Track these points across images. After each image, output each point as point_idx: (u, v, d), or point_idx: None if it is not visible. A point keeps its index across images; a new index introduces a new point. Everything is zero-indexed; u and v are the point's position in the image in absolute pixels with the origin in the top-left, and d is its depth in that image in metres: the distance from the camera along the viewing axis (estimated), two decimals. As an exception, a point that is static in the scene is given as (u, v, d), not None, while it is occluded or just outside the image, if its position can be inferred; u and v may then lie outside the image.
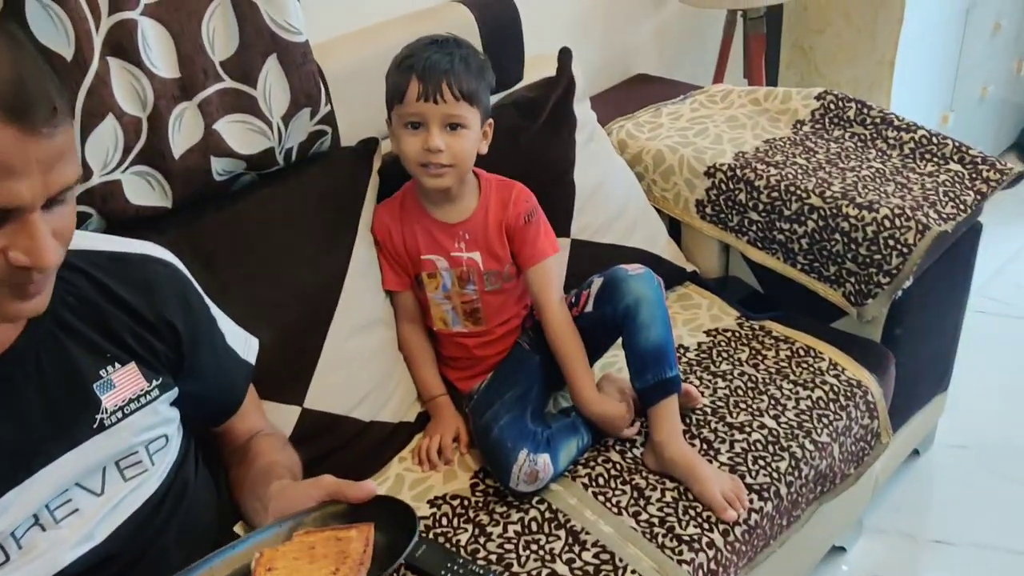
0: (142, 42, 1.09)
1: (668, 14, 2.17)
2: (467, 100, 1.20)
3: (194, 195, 1.21)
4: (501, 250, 1.31)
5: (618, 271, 1.29)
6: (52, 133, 0.69)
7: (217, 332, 1.04)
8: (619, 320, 1.26)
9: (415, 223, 1.31)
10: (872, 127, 1.65)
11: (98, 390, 0.88)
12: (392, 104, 1.23)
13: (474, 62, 1.23)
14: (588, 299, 1.31)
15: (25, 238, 0.70)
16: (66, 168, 0.71)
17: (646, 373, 1.24)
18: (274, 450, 1.07)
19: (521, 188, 1.33)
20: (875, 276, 1.45)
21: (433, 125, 1.20)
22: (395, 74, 1.22)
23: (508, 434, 1.24)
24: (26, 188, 0.68)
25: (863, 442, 1.43)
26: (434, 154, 1.20)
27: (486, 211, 1.31)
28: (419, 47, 1.22)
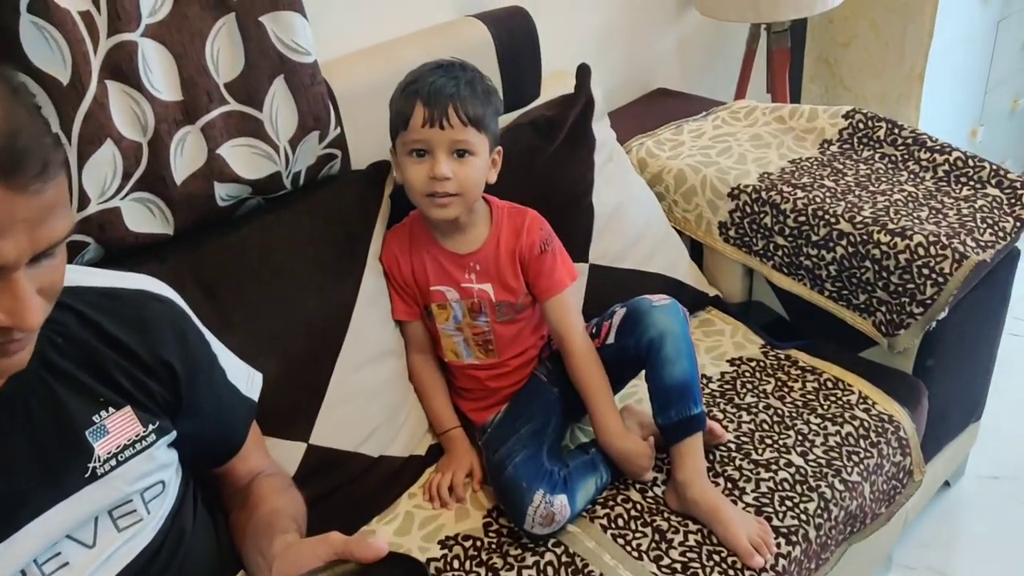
0: (143, 64, 1.04)
1: (689, 27, 2.11)
2: (474, 125, 1.15)
3: (196, 221, 1.16)
4: (514, 281, 1.25)
5: (642, 302, 1.23)
6: (41, 189, 0.64)
7: (217, 369, 0.99)
8: (642, 353, 1.20)
9: (424, 252, 1.26)
10: (903, 148, 1.58)
11: (91, 437, 0.83)
12: (396, 131, 1.18)
13: (480, 86, 1.18)
14: (610, 330, 1.25)
15: (8, 298, 0.66)
16: (55, 223, 0.66)
17: (670, 409, 1.18)
18: (277, 494, 1.02)
19: (534, 215, 1.27)
20: (908, 306, 1.38)
21: (439, 152, 1.15)
22: (399, 100, 1.17)
23: (523, 473, 1.18)
24: (11, 246, 0.63)
25: (895, 480, 1.36)
26: (440, 182, 1.15)
27: (497, 241, 1.25)
28: (423, 72, 1.17)
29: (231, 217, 1.22)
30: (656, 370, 1.19)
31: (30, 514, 0.78)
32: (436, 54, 1.45)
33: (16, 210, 0.63)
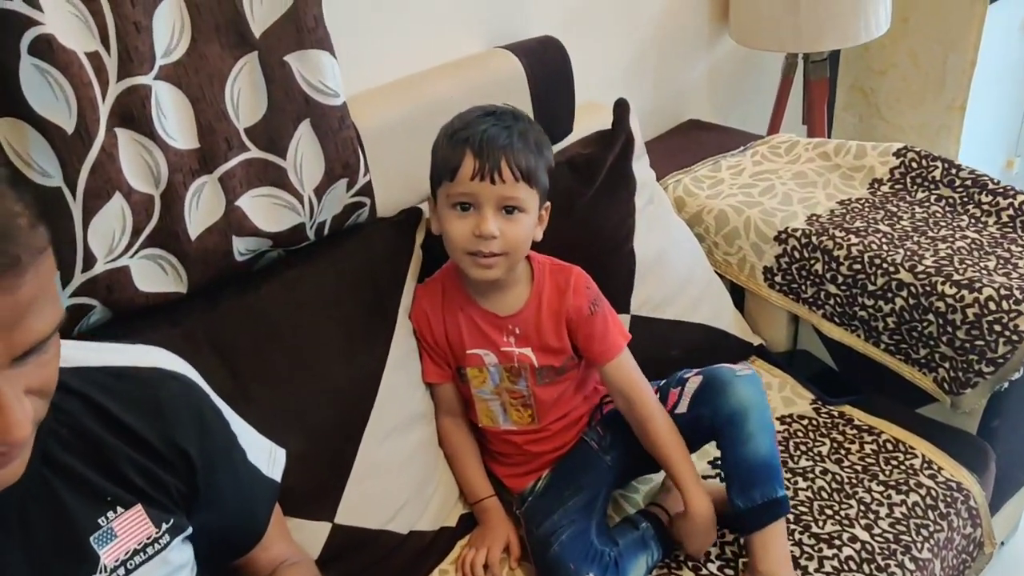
0: (156, 110, 0.94)
1: (721, 56, 2.01)
2: (526, 180, 1.05)
3: (212, 279, 1.06)
4: (558, 344, 1.14)
5: (723, 371, 1.13)
6: (14, 286, 0.54)
7: (237, 450, 0.89)
8: (719, 425, 1.09)
9: (459, 312, 1.15)
10: (962, 190, 1.48)
11: (96, 544, 0.73)
12: (440, 181, 1.07)
13: (533, 137, 1.07)
14: (680, 398, 1.14)
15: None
16: (34, 323, 0.57)
17: (752, 490, 1.06)
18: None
19: (579, 274, 1.16)
20: (976, 364, 1.28)
21: (487, 207, 1.04)
22: (446, 148, 1.06)
23: (571, 553, 1.08)
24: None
25: (965, 554, 1.26)
26: (486, 241, 1.04)
27: (539, 302, 1.14)
28: (472, 118, 1.06)
29: (248, 271, 1.11)
30: (737, 446, 1.08)
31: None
32: (466, 88, 1.36)
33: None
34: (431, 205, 1.12)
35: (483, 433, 1.23)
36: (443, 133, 1.08)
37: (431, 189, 1.11)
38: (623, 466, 1.19)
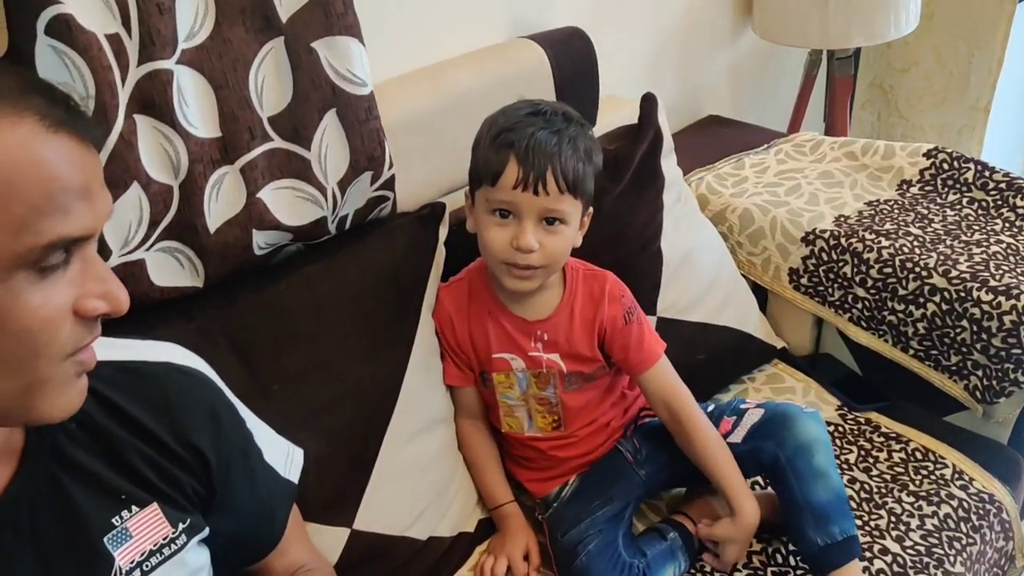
0: (177, 96, 0.90)
1: (743, 51, 1.97)
2: (572, 192, 0.98)
3: (229, 273, 1.01)
4: (588, 351, 1.10)
5: (790, 406, 1.10)
6: (94, 144, 0.60)
7: (254, 450, 0.85)
8: (783, 462, 1.05)
9: (485, 315, 1.11)
10: (996, 193, 1.45)
11: (110, 544, 0.70)
12: (480, 183, 1.01)
13: (583, 143, 1.01)
14: (735, 427, 1.11)
15: (94, 281, 0.58)
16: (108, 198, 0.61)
17: (831, 526, 1.02)
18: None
19: (614, 281, 1.11)
20: (1012, 372, 1.25)
21: (527, 219, 0.98)
22: (488, 149, 1.00)
23: (598, 564, 1.05)
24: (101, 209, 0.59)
25: (997, 567, 1.23)
26: (524, 254, 0.99)
27: (571, 309, 1.10)
28: (519, 117, 1.00)
29: (266, 265, 1.07)
30: (809, 481, 1.04)
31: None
32: (490, 78, 1.32)
33: (94, 165, 0.58)
34: (468, 202, 1.07)
35: (505, 438, 1.20)
36: (487, 130, 1.02)
37: (469, 188, 1.06)
38: (656, 481, 1.15)
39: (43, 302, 0.55)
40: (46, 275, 0.55)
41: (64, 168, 0.55)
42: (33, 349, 0.56)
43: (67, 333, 0.57)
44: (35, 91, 0.57)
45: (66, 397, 0.60)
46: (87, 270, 0.58)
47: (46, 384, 0.58)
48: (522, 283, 1.03)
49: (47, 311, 0.55)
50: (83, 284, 0.58)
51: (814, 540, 1.03)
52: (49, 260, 0.55)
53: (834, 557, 1.03)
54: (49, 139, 0.55)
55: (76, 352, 0.59)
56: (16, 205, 0.53)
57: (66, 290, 0.57)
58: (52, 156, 0.55)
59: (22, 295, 0.54)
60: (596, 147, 1.05)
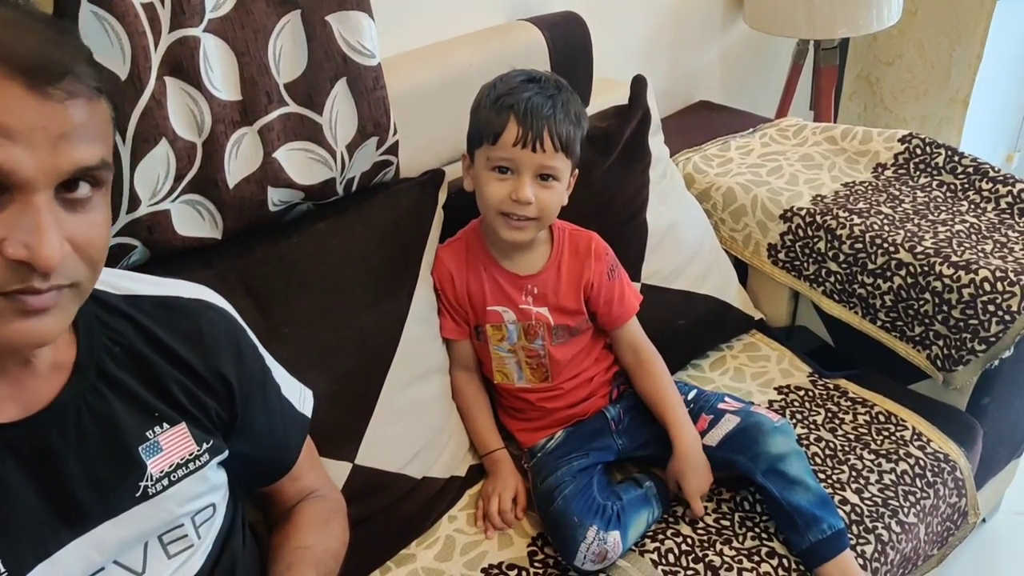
0: (203, 61, 0.99)
1: (734, 39, 2.06)
2: (564, 150, 1.09)
3: (245, 226, 1.10)
4: (574, 305, 1.20)
5: (763, 421, 1.18)
6: (64, 99, 0.59)
7: (271, 384, 0.94)
8: (759, 475, 1.14)
9: (481, 271, 1.21)
10: (964, 176, 1.54)
11: (144, 454, 0.78)
12: (480, 143, 1.12)
13: (573, 108, 1.12)
14: (711, 428, 1.19)
15: (26, 228, 0.59)
16: (83, 146, 0.61)
17: (820, 524, 1.11)
18: (312, 527, 0.96)
19: (598, 240, 1.22)
20: (969, 342, 1.34)
21: (525, 174, 1.09)
22: (489, 111, 1.10)
23: (575, 506, 1.13)
24: (27, 157, 0.58)
25: (949, 522, 1.32)
26: (521, 205, 1.10)
27: (558, 265, 1.20)
28: (516, 84, 1.11)
29: (279, 222, 1.16)
30: (788, 492, 1.13)
31: (74, 533, 0.73)
32: (488, 58, 1.41)
33: (37, 116, 0.58)
34: (465, 163, 1.17)
35: (497, 389, 1.29)
36: (486, 95, 1.12)
37: (468, 148, 1.16)
38: (629, 451, 1.25)
39: None
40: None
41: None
42: None
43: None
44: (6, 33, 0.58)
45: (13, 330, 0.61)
46: (24, 217, 0.59)
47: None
48: (517, 234, 1.12)
49: None
50: (11, 230, 0.59)
51: (805, 537, 1.12)
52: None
53: (823, 552, 1.11)
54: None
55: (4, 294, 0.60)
56: None
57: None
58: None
59: None
60: (584, 114, 1.15)
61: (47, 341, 0.66)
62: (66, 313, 0.66)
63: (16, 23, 0.59)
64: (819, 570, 1.12)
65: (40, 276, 0.60)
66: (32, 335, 0.63)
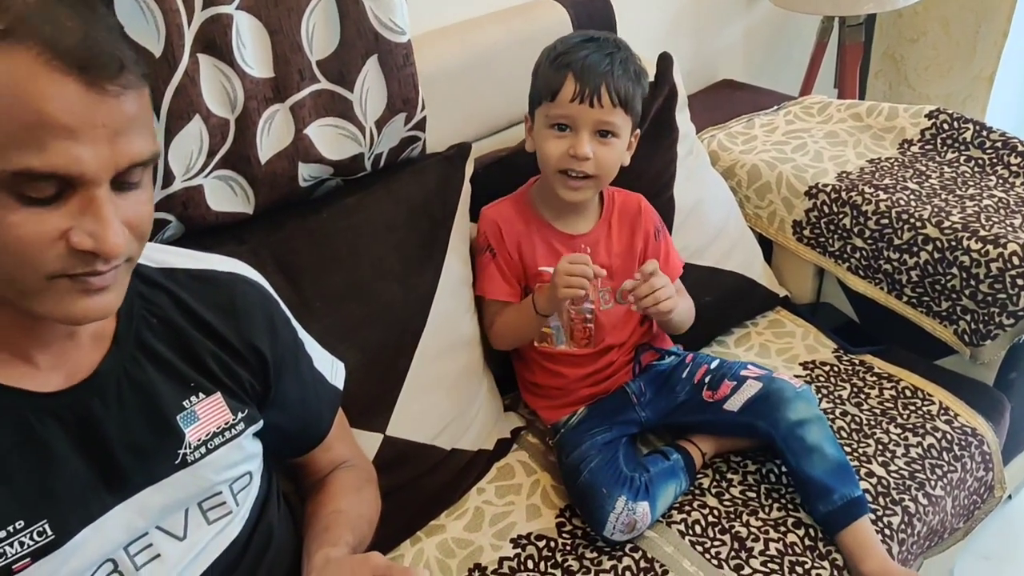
0: (236, 39, 1.00)
1: (758, 16, 2.05)
2: (623, 106, 1.11)
3: (276, 201, 1.12)
4: (624, 265, 1.21)
5: (785, 387, 1.17)
6: (121, 94, 0.61)
7: (304, 356, 0.96)
8: (779, 440, 1.16)
9: (533, 231, 1.22)
10: (992, 151, 1.53)
11: (181, 422, 0.80)
12: (540, 101, 1.14)
13: (632, 66, 1.14)
14: (733, 393, 1.19)
15: (90, 219, 0.62)
16: (137, 138, 0.63)
17: (832, 495, 1.12)
18: (346, 493, 0.98)
19: (646, 201, 1.24)
20: (997, 316, 1.33)
21: (583, 130, 1.11)
22: (548, 70, 1.12)
23: (602, 478, 1.15)
24: (90, 155, 0.60)
25: (976, 495, 1.33)
26: (580, 161, 1.11)
27: (609, 225, 1.22)
28: (575, 43, 1.13)
29: (308, 197, 1.18)
30: (803, 458, 1.14)
31: (118, 497, 0.76)
32: (514, 36, 1.42)
33: (94, 113, 0.59)
34: (527, 125, 1.19)
35: (524, 362, 1.30)
36: (545, 56, 1.15)
37: (529, 109, 1.18)
38: (653, 423, 1.26)
39: (21, 222, 0.60)
40: (29, 203, 0.59)
41: (47, 105, 0.57)
42: (14, 261, 0.61)
43: (52, 256, 0.61)
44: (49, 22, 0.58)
45: (64, 307, 0.65)
46: (86, 209, 0.61)
47: (35, 295, 0.64)
48: (575, 193, 1.15)
49: (24, 231, 0.60)
50: (77, 219, 0.61)
51: (817, 507, 1.13)
52: (28, 189, 0.59)
53: (839, 519, 1.12)
54: (39, 73, 0.57)
55: (72, 277, 0.63)
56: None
57: (57, 220, 0.61)
58: (35, 89, 0.57)
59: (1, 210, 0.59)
60: (644, 72, 1.16)
61: (108, 315, 0.69)
62: (122, 287, 0.69)
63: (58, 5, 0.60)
64: (836, 537, 1.13)
65: (103, 260, 0.64)
66: (95, 311, 0.67)
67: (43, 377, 0.72)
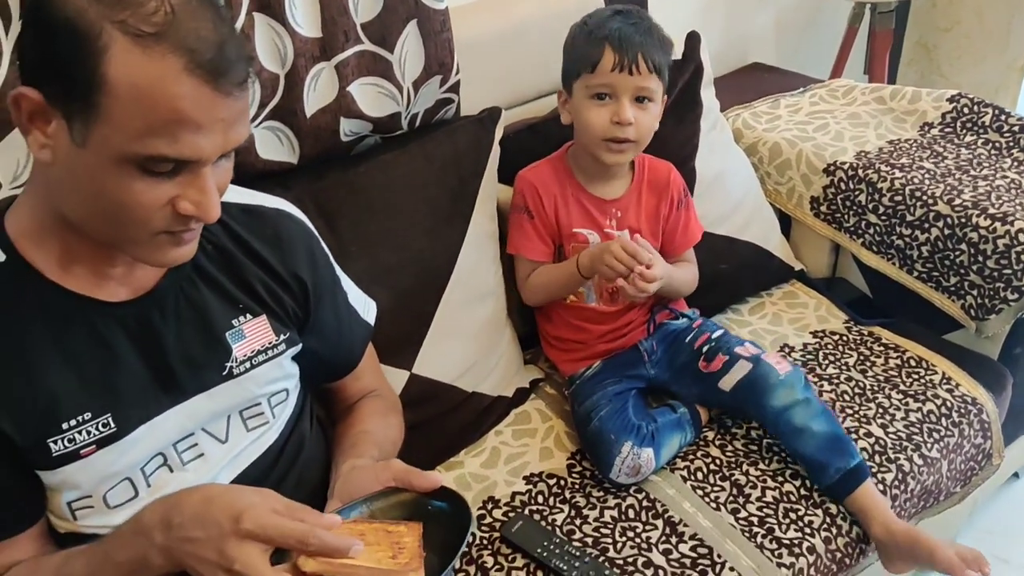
0: (289, 0, 1.10)
1: (790, 2, 2.10)
2: (657, 72, 1.20)
3: (320, 154, 1.22)
4: (652, 228, 1.30)
5: (769, 373, 1.23)
6: (239, 96, 0.71)
7: (340, 290, 1.05)
8: (768, 424, 1.24)
9: (568, 194, 1.30)
10: (1009, 135, 1.57)
11: (230, 339, 0.89)
12: (579, 73, 1.21)
13: (659, 35, 1.22)
14: (726, 371, 1.26)
15: (196, 191, 0.73)
16: (242, 128, 0.74)
17: (828, 469, 1.18)
18: (372, 417, 1.07)
19: (675, 170, 1.32)
20: (1002, 291, 1.39)
21: (624, 97, 1.19)
22: (585, 44, 1.20)
23: (610, 425, 1.23)
24: (208, 144, 0.70)
25: (973, 462, 1.38)
26: (623, 127, 1.19)
27: (640, 191, 1.30)
28: (605, 17, 1.21)
29: (349, 153, 1.27)
30: (794, 439, 1.21)
31: (172, 400, 0.86)
32: (547, 11, 1.49)
33: (218, 111, 0.69)
34: (562, 98, 1.27)
35: (547, 316, 1.38)
36: (579, 31, 1.23)
37: (564, 83, 1.26)
38: (660, 381, 1.34)
39: (143, 190, 0.71)
40: (150, 175, 0.70)
41: (185, 105, 0.67)
42: (127, 217, 0.73)
43: (160, 217, 0.73)
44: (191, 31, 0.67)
45: (158, 255, 0.77)
46: (193, 182, 0.72)
47: (138, 244, 0.76)
48: (618, 156, 1.23)
49: (143, 197, 0.71)
50: (185, 189, 0.72)
51: (819, 480, 1.20)
52: (153, 166, 0.70)
53: (839, 490, 1.19)
54: (183, 80, 0.67)
55: (171, 232, 0.75)
56: (138, 120, 0.67)
57: (169, 189, 0.72)
58: (178, 93, 0.67)
59: (126, 179, 0.70)
60: (669, 40, 1.25)
61: (188, 259, 0.81)
62: (199, 235, 0.80)
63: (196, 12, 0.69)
64: (843, 504, 1.20)
65: (197, 221, 0.75)
66: (181, 258, 0.79)
67: (112, 289, 0.82)
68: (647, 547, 1.14)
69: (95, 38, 0.66)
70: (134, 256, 0.78)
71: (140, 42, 0.66)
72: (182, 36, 0.67)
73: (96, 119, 0.68)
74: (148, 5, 0.67)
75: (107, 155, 0.69)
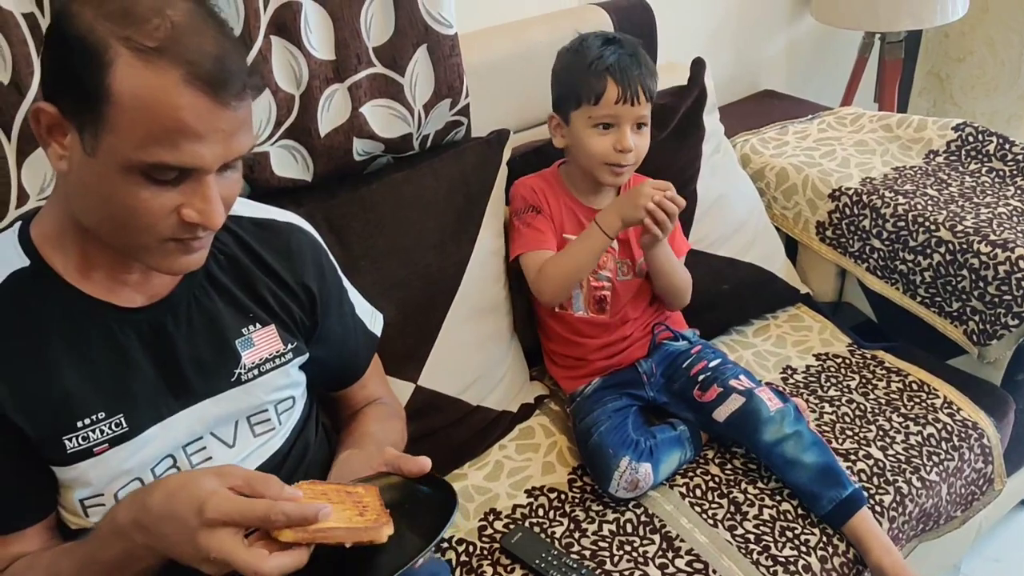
0: (304, 24, 1.15)
1: (801, 31, 2.14)
2: (650, 100, 1.26)
3: (333, 172, 1.26)
4: (637, 240, 1.32)
5: (761, 408, 1.25)
6: (238, 107, 0.75)
7: (347, 301, 1.08)
8: (761, 457, 1.26)
9: (561, 203, 1.35)
10: (1013, 163, 1.59)
11: (239, 346, 0.93)
12: (578, 104, 1.26)
13: (647, 62, 1.27)
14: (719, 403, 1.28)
15: (200, 199, 0.76)
16: (243, 138, 0.77)
17: (821, 500, 1.20)
18: (376, 421, 1.10)
19: None
20: (1003, 317, 1.40)
21: (625, 126, 1.25)
22: (586, 75, 1.24)
23: (609, 440, 1.25)
24: (208, 152, 0.74)
25: (974, 486, 1.38)
26: (625, 155, 1.25)
27: None
28: (597, 45, 1.25)
29: (362, 171, 1.32)
30: (786, 471, 1.23)
31: (183, 403, 0.89)
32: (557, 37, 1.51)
33: (218, 121, 0.73)
34: (554, 122, 1.31)
35: (546, 331, 1.41)
36: (575, 60, 1.26)
37: (561, 110, 1.29)
38: (658, 403, 1.36)
39: (148, 197, 0.74)
40: (155, 183, 0.74)
41: (185, 115, 0.71)
42: (135, 223, 0.76)
43: (166, 224, 0.76)
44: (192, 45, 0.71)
45: (168, 262, 0.81)
46: (197, 190, 0.75)
47: (148, 250, 0.79)
48: (618, 178, 1.30)
49: (149, 204, 0.75)
50: (189, 198, 0.75)
51: (814, 509, 1.21)
52: (157, 174, 0.73)
53: (834, 519, 1.20)
54: (182, 90, 0.70)
55: (177, 240, 0.78)
56: (141, 129, 0.71)
57: (174, 197, 0.75)
58: (178, 103, 0.71)
59: (133, 186, 0.74)
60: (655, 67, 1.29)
61: (197, 267, 0.85)
62: (209, 245, 0.84)
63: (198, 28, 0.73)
64: (843, 531, 1.20)
65: (203, 230, 0.79)
66: (189, 265, 0.83)
67: (128, 295, 0.86)
68: (643, 561, 1.16)
69: (102, 53, 0.70)
70: (145, 263, 0.82)
71: (143, 56, 0.70)
72: (182, 50, 0.71)
73: (104, 129, 0.72)
74: (152, 21, 0.71)
75: (114, 163, 0.73)
